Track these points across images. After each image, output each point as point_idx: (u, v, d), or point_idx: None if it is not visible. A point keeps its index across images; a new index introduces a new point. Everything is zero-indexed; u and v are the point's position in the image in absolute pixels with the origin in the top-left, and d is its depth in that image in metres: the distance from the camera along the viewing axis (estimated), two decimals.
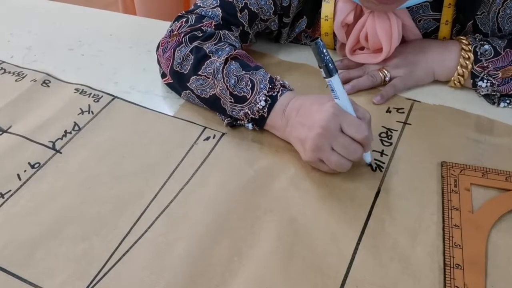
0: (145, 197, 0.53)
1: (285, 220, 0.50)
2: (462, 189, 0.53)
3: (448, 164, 0.55)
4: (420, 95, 0.65)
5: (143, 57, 0.73)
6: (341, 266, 0.46)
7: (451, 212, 0.50)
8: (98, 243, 0.49)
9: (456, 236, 0.48)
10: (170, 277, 0.46)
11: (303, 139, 0.53)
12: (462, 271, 0.45)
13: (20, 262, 0.47)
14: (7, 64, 0.72)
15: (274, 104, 0.57)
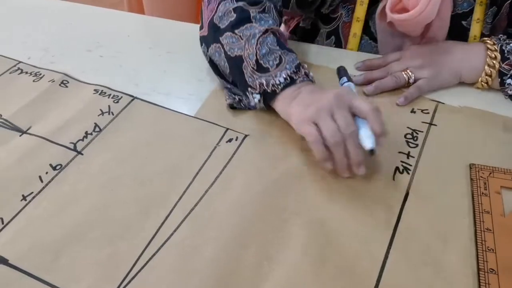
0: (170, 199, 0.52)
1: (313, 223, 0.49)
2: (493, 192, 0.52)
3: (477, 166, 0.54)
4: (444, 97, 0.64)
5: (163, 58, 0.72)
6: (373, 270, 0.46)
7: (482, 215, 0.49)
8: (123, 246, 0.48)
9: (489, 240, 0.47)
10: (198, 281, 0.45)
11: (307, 105, 0.54)
12: (496, 276, 0.44)
13: (45, 266, 0.46)
14: (24, 65, 0.71)
15: (291, 85, 0.57)
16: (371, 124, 0.50)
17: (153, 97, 0.65)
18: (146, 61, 0.72)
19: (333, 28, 0.75)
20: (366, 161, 0.54)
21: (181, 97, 0.65)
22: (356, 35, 0.69)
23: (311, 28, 0.79)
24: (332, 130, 0.50)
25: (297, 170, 0.55)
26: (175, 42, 0.71)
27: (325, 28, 0.76)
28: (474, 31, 0.68)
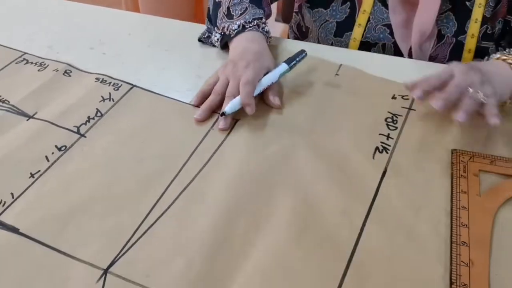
0: (166, 177, 0.56)
1: (298, 196, 0.54)
2: (471, 174, 0.56)
3: (458, 151, 0.59)
4: None
5: (161, 56, 0.76)
6: (351, 237, 0.50)
7: (459, 195, 0.54)
8: (125, 217, 0.52)
9: (464, 216, 0.52)
10: (195, 247, 0.49)
11: (233, 61, 0.68)
12: (468, 248, 0.49)
13: (53, 235, 0.50)
14: (29, 55, 0.75)
15: (241, 33, 0.71)
16: (240, 93, 0.63)
17: None
18: (146, 58, 0.76)
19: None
20: (349, 142, 0.59)
21: (179, 92, 0.69)
22: (365, 12, 0.77)
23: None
24: (220, 83, 0.66)
25: (285, 150, 0.59)
26: (174, 40, 0.76)
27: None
28: (476, 14, 0.73)
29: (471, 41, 0.75)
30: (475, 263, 0.47)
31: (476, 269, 0.47)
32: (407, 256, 0.48)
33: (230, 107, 0.62)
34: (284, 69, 0.67)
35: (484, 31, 0.75)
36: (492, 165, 0.57)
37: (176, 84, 0.70)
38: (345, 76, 0.71)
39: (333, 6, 0.81)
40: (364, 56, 0.77)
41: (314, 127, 0.63)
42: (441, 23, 0.76)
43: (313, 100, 0.67)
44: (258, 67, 0.66)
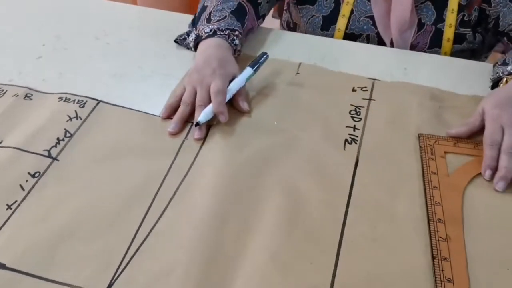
0: (148, 192, 0.57)
1: (282, 195, 0.56)
2: (438, 156, 0.61)
3: (424, 135, 0.64)
4: (377, 74, 0.73)
5: (163, 46, 0.80)
6: (336, 228, 0.53)
7: (430, 176, 0.59)
8: (113, 238, 0.52)
9: (436, 196, 0.56)
10: (189, 257, 0.50)
11: (197, 70, 0.69)
12: (443, 224, 0.53)
13: (42, 265, 0.49)
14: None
15: (211, 37, 0.72)
16: (212, 103, 0.64)
17: (155, 78, 0.74)
18: (148, 47, 0.80)
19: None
20: (319, 137, 0.62)
21: (179, 78, 0.73)
22: (349, 3, 0.81)
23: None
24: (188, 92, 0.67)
25: (262, 152, 0.61)
26: (174, 30, 0.80)
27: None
28: (452, 4, 0.78)
29: (449, 30, 0.80)
30: (452, 237, 0.52)
31: (453, 243, 0.51)
32: (390, 237, 0.52)
33: (203, 117, 0.63)
34: (249, 73, 0.69)
35: (461, 19, 0.80)
36: (456, 147, 0.62)
37: (176, 70, 0.74)
38: (306, 74, 0.74)
39: (319, 1, 0.85)
40: (348, 46, 0.81)
41: (285, 126, 0.65)
42: (421, 12, 0.81)
43: (280, 101, 0.69)
44: (224, 74, 0.67)
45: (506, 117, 0.61)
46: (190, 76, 0.69)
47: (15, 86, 0.70)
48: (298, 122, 0.66)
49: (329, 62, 0.76)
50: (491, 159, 0.59)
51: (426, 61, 0.77)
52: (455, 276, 0.49)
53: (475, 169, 0.60)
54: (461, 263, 0.50)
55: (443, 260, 0.50)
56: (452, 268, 0.49)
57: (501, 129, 0.60)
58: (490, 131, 0.60)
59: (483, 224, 0.54)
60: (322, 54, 0.78)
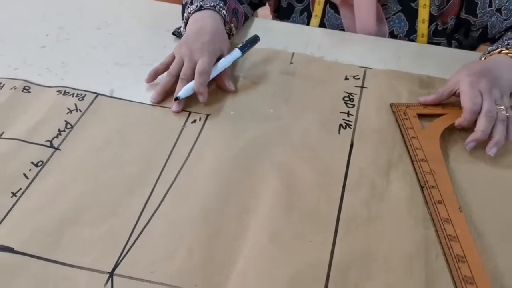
0: (150, 177, 0.58)
1: (278, 178, 0.58)
2: (411, 116, 0.66)
3: (396, 104, 0.68)
4: (369, 62, 0.76)
5: (163, 36, 0.82)
6: (332, 209, 0.55)
7: (407, 130, 0.63)
8: (117, 222, 0.53)
9: (415, 143, 0.62)
10: (191, 239, 0.52)
11: (188, 42, 0.71)
12: (426, 163, 0.59)
13: (49, 248, 0.51)
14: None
15: (198, 11, 0.74)
16: (194, 82, 0.66)
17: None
18: (149, 37, 0.82)
19: (305, 5, 0.87)
20: (315, 123, 0.64)
21: None
22: (317, 16, 0.84)
23: (287, 7, 0.89)
24: (172, 69, 0.69)
25: (258, 139, 0.63)
26: (174, 21, 0.81)
27: (299, 6, 0.87)
28: (422, 15, 0.79)
29: (421, 40, 0.82)
30: (436, 171, 0.58)
31: (437, 175, 0.58)
32: (385, 215, 0.54)
33: (183, 92, 0.66)
34: (237, 56, 0.72)
35: (435, 28, 0.81)
36: (426, 109, 0.67)
37: None
38: (299, 63, 0.76)
39: (293, 17, 0.89)
40: (342, 36, 0.83)
41: (280, 114, 0.67)
42: (393, 24, 0.82)
43: (275, 89, 0.71)
44: (212, 52, 0.69)
45: (483, 83, 0.62)
46: (180, 47, 0.70)
47: (13, 79, 0.71)
48: (293, 109, 0.68)
49: (325, 52, 0.78)
50: (468, 121, 0.61)
51: (419, 51, 0.79)
52: (444, 197, 0.55)
53: (447, 121, 0.65)
54: (448, 187, 0.56)
55: (431, 188, 0.56)
56: (441, 192, 0.55)
57: (479, 94, 0.62)
58: (470, 95, 0.61)
59: (463, 159, 0.61)
60: (317, 44, 0.80)
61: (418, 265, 0.50)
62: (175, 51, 0.71)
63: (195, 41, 0.70)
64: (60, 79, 0.72)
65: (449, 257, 0.50)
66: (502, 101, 0.63)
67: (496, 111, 0.61)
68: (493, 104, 0.61)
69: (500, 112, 0.61)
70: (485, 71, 0.65)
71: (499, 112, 0.61)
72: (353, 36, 0.83)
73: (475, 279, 0.48)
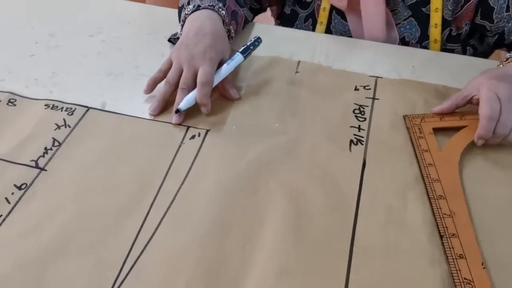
0: (144, 202, 0.53)
1: (286, 201, 0.53)
2: (427, 133, 0.60)
3: (409, 116, 0.62)
4: (380, 71, 0.70)
5: (161, 43, 0.77)
6: (345, 236, 0.50)
7: (423, 154, 0.57)
8: (107, 253, 0.48)
9: (432, 172, 0.55)
10: (189, 273, 0.47)
11: (186, 45, 0.65)
12: (445, 200, 0.51)
13: (31, 283, 0.46)
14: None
15: (196, 11, 0.69)
16: (197, 93, 0.61)
17: None
18: (145, 45, 0.77)
19: (310, 12, 0.81)
20: (324, 138, 0.59)
21: None
22: (323, 23, 0.79)
23: (291, 13, 0.84)
24: (170, 75, 0.64)
25: (262, 156, 0.58)
26: (173, 28, 0.76)
27: (303, 13, 0.82)
28: (435, 19, 0.74)
29: (434, 46, 0.76)
30: (456, 212, 0.50)
31: (458, 217, 0.50)
32: (403, 245, 0.49)
33: (184, 104, 0.61)
34: (240, 61, 0.67)
35: (448, 34, 0.76)
36: (442, 121, 0.61)
37: None
38: (306, 73, 0.71)
39: (297, 24, 0.83)
40: (353, 43, 0.77)
41: (286, 128, 0.62)
42: (404, 30, 0.77)
43: (280, 101, 0.66)
44: (215, 57, 0.64)
45: (502, 88, 0.57)
46: (178, 50, 0.65)
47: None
48: (300, 123, 0.62)
49: (333, 60, 0.73)
50: (486, 131, 0.56)
51: (434, 59, 0.74)
52: (466, 250, 0.47)
53: (466, 139, 0.58)
54: (470, 236, 0.48)
55: (451, 237, 0.48)
56: (462, 243, 0.48)
57: (498, 100, 0.56)
58: (489, 100, 0.56)
59: (484, 194, 0.53)
60: (324, 51, 0.74)
61: None
62: (172, 56, 0.66)
63: (194, 44, 0.64)
64: (49, 92, 0.67)
65: None
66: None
67: None
68: (510, 115, 0.56)
69: None
70: (506, 76, 0.60)
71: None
72: (364, 43, 0.77)
73: None
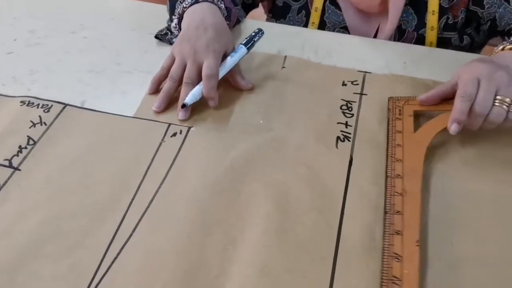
0: (122, 201, 0.51)
1: (270, 201, 0.51)
2: (406, 115, 0.59)
3: (394, 98, 0.62)
4: (368, 66, 0.69)
5: (145, 39, 0.74)
6: (331, 237, 0.48)
7: (395, 134, 0.57)
8: (83, 255, 0.46)
9: (398, 153, 0.55)
10: (167, 277, 0.45)
11: (187, 39, 0.63)
12: (401, 180, 0.51)
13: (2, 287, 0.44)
14: None
15: (194, 4, 0.66)
16: (203, 86, 0.59)
17: (135, 75, 0.68)
18: (129, 42, 0.74)
19: (303, 3, 0.80)
20: (310, 135, 0.57)
21: None
22: (317, 9, 0.77)
23: (283, 6, 0.82)
24: (174, 69, 0.62)
25: (247, 154, 0.56)
26: (157, 24, 0.74)
27: (296, 4, 0.80)
28: (432, 5, 0.73)
29: (431, 33, 0.75)
30: (408, 191, 0.50)
31: (408, 197, 0.50)
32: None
33: (190, 98, 0.59)
34: (243, 54, 0.65)
35: (445, 22, 0.75)
36: (425, 105, 0.60)
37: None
38: (292, 68, 0.69)
39: (289, 17, 0.82)
40: (343, 39, 0.76)
41: (272, 124, 0.60)
42: (401, 18, 0.75)
43: (266, 97, 0.64)
44: (218, 50, 0.62)
45: (481, 68, 0.55)
46: (180, 45, 0.63)
47: None
48: (286, 120, 0.60)
49: (323, 57, 0.71)
50: (460, 112, 0.53)
51: (427, 55, 0.72)
52: (405, 228, 0.47)
53: (441, 124, 0.56)
54: (415, 215, 0.48)
55: (395, 213, 0.48)
56: (404, 220, 0.48)
57: (476, 81, 0.54)
58: (465, 81, 0.54)
59: (444, 180, 0.53)
60: (314, 47, 0.72)
61: None
62: (174, 52, 0.63)
63: (197, 38, 0.62)
64: (27, 89, 0.65)
65: None
66: (508, 90, 0.53)
67: (490, 101, 0.53)
68: (488, 94, 0.53)
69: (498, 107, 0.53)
70: (489, 60, 0.59)
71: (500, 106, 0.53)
72: (354, 39, 0.75)
73: None
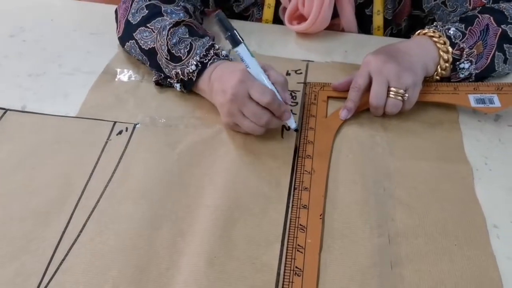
0: (68, 203, 0.50)
1: (218, 192, 0.51)
2: (320, 101, 0.62)
3: (311, 83, 0.65)
4: (312, 55, 0.70)
5: (86, 40, 0.74)
6: (278, 222, 0.49)
7: (308, 118, 0.60)
8: (29, 259, 0.45)
9: (310, 135, 0.58)
10: (117, 273, 0.44)
11: (220, 105, 0.57)
12: (311, 160, 0.55)
13: None
14: None
15: (204, 70, 0.60)
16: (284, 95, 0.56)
17: (77, 77, 0.67)
18: (70, 43, 0.74)
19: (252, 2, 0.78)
20: None
21: (107, 74, 0.67)
22: (270, 6, 0.75)
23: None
24: (251, 128, 0.55)
25: (192, 148, 0.56)
26: (99, 23, 0.74)
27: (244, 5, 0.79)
28: (377, 21, 0.75)
29: None
30: (317, 170, 0.54)
31: (316, 175, 0.53)
32: (339, 228, 0.49)
33: (294, 122, 0.57)
34: (245, 49, 0.55)
35: (390, 33, 0.77)
36: (339, 92, 0.63)
37: (102, 68, 0.67)
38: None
39: None
40: (285, 31, 0.75)
41: (216, 118, 0.60)
42: None
43: None
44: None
45: (374, 62, 0.59)
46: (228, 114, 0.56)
47: None
48: None
49: (266, 49, 0.72)
50: (349, 101, 0.59)
51: (366, 43, 0.73)
52: (311, 203, 0.50)
53: None
54: (320, 191, 0.51)
55: (303, 190, 0.51)
56: (310, 196, 0.51)
57: (367, 74, 0.59)
58: (357, 74, 0.60)
59: (347, 160, 0.56)
60: (258, 40, 0.73)
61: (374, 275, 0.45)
62: (227, 123, 0.57)
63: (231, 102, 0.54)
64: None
65: (287, 270, 0.45)
66: (399, 81, 0.57)
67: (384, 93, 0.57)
68: (379, 87, 0.57)
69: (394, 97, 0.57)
70: (389, 49, 0.61)
71: (395, 97, 0.57)
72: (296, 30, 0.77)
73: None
